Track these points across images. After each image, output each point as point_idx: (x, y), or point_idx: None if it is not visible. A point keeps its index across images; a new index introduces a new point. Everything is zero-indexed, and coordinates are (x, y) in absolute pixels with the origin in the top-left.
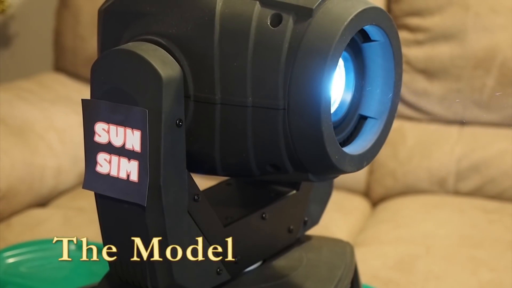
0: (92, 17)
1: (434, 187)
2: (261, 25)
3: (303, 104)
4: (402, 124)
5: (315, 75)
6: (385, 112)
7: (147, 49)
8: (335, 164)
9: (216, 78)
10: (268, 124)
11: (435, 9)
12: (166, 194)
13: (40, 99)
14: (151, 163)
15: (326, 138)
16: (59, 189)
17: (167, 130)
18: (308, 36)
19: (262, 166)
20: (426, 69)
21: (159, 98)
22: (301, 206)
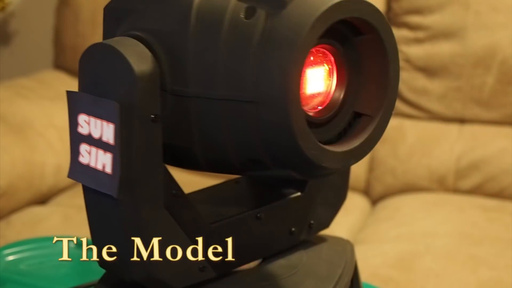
0: (92, 14)
1: (434, 185)
2: (235, 18)
3: (271, 97)
4: (402, 122)
5: (282, 66)
6: (380, 109)
7: (126, 44)
8: (312, 159)
9: (190, 72)
10: (239, 118)
11: (435, 7)
12: (140, 188)
13: (40, 97)
14: (124, 157)
15: (297, 131)
16: (59, 186)
17: (141, 124)
18: (278, 28)
19: (242, 161)
20: (426, 67)
21: (132, 93)
22: (305, 208)
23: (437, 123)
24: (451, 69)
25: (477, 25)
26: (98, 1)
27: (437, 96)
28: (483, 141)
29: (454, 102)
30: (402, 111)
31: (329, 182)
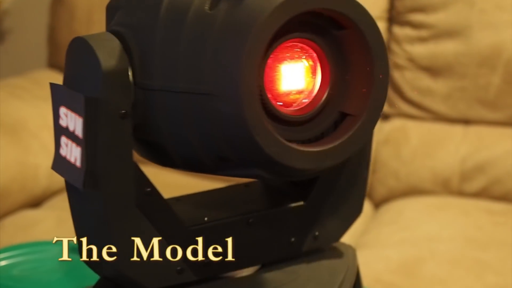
0: (87, 13)
1: (438, 188)
2: (199, 10)
3: (225, 89)
4: (405, 123)
5: (236, 57)
6: (364, 109)
7: (100, 39)
8: (273, 156)
9: (156, 64)
10: (199, 111)
11: (439, 5)
12: (107, 184)
13: (34, 97)
14: (91, 152)
15: (252, 126)
16: (52, 189)
17: (107, 120)
18: (237, 18)
19: (212, 159)
20: (430, 66)
21: (99, 88)
22: (308, 218)
23: (441, 124)
24: (455, 68)
25: (482, 24)
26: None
27: (441, 96)
28: (488, 142)
29: (459, 103)
30: (405, 111)
31: (339, 193)
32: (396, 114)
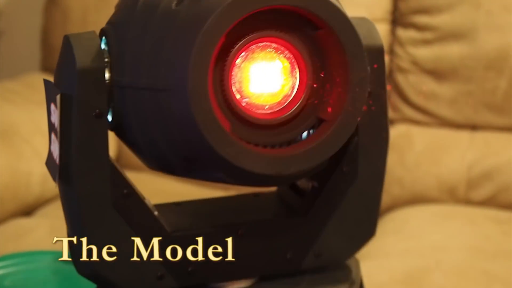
0: (82, 14)
1: (444, 196)
2: (167, 6)
3: (176, 85)
4: (410, 129)
5: (187, 53)
6: (337, 114)
7: (82, 38)
8: (228, 159)
9: (127, 61)
10: (158, 108)
11: (444, 7)
12: (81, 184)
13: (26, 101)
14: (65, 148)
15: (202, 124)
16: (45, 197)
17: (81, 119)
18: (194, 13)
19: (179, 160)
20: (434, 70)
21: (73, 86)
22: (307, 234)
23: (447, 130)
24: (461, 72)
25: (489, 26)
26: (88, 1)
27: (447, 101)
28: (496, 148)
29: (465, 107)
30: (410, 116)
31: (347, 209)
32: (400, 119)
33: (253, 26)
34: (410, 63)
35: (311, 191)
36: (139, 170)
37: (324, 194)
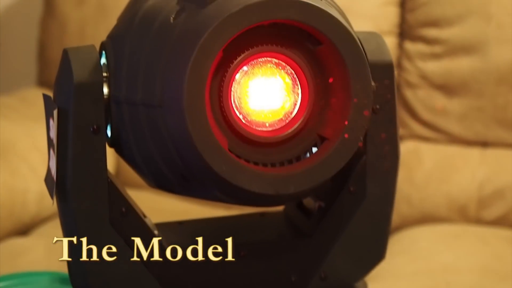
0: (79, 27)
1: (454, 215)
2: (165, 20)
3: (171, 101)
4: (418, 146)
5: (181, 69)
6: (339, 133)
7: (80, 52)
8: (224, 176)
9: (124, 76)
10: (154, 124)
11: (454, 19)
12: (76, 200)
13: (22, 117)
14: (61, 164)
15: (198, 141)
16: (42, 215)
17: (78, 134)
18: (191, 28)
19: (176, 177)
20: (444, 84)
21: (70, 102)
22: (313, 257)
23: (457, 147)
24: (471, 86)
25: (500, 39)
26: (86, 12)
27: (457, 116)
28: (508, 166)
29: (476, 123)
30: (418, 133)
31: (354, 231)
32: (409, 135)
33: (252, 40)
34: (418, 78)
35: (317, 212)
36: (139, 188)
37: (331, 215)
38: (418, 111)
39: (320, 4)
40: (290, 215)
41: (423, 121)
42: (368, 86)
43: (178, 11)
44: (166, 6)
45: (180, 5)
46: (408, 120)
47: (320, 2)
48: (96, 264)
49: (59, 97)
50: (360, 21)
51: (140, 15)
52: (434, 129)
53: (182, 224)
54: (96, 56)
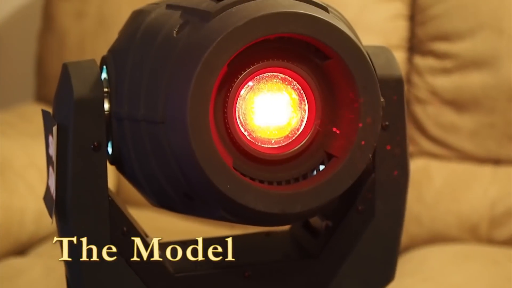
0: (79, 41)
1: (465, 235)
2: (168, 34)
3: (175, 118)
4: (428, 163)
5: (184, 85)
6: (347, 150)
7: (80, 66)
8: (229, 195)
9: (125, 91)
10: (157, 141)
11: (465, 33)
12: (76, 219)
13: (20, 133)
14: (61, 182)
15: (202, 159)
16: (40, 235)
17: (78, 152)
18: (194, 43)
19: (179, 196)
20: (455, 100)
21: (70, 118)
22: (320, 278)
23: (468, 164)
24: (483, 102)
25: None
26: (86, 26)
27: (468, 133)
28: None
29: (487, 140)
30: (428, 150)
31: (362, 251)
32: (418, 152)
33: (258, 55)
34: (428, 93)
35: (324, 231)
36: (141, 206)
37: (338, 235)
38: (428, 127)
39: (328, 18)
40: (296, 235)
41: (433, 138)
42: (377, 101)
43: (181, 24)
44: (169, 20)
45: (184, 18)
46: (418, 136)
47: (327, 15)
48: (97, 284)
49: (58, 113)
50: (369, 35)
51: (143, 28)
52: (444, 146)
53: (185, 243)
54: (97, 71)
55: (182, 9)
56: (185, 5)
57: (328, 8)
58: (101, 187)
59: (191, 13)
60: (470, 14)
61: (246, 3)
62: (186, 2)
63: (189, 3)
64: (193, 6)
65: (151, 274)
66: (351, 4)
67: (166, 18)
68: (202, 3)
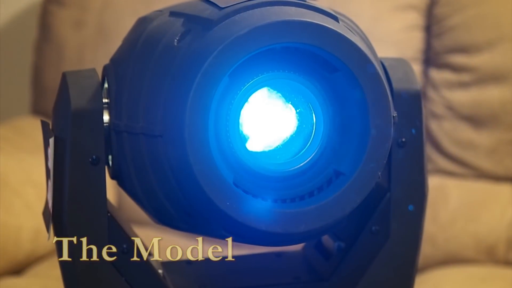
0: (78, 51)
1: (482, 256)
2: (169, 42)
3: (173, 131)
4: (444, 181)
5: (183, 96)
6: (356, 168)
7: (80, 76)
8: (228, 213)
9: (124, 102)
10: (155, 155)
11: (484, 45)
12: (74, 235)
13: (16, 148)
14: (59, 199)
15: (200, 174)
16: (37, 254)
17: (76, 165)
18: (194, 51)
19: (180, 213)
20: (472, 116)
21: (68, 130)
22: None
23: (485, 183)
24: (502, 118)
25: None
26: (85, 36)
27: (486, 150)
28: None
29: (506, 158)
30: (444, 168)
31: (375, 276)
32: (433, 170)
33: (262, 66)
34: (444, 108)
35: (336, 252)
36: (142, 224)
37: (351, 256)
38: (444, 144)
39: (337, 27)
40: (308, 256)
41: (449, 155)
42: (388, 116)
43: (182, 33)
44: (171, 28)
45: (186, 27)
46: (433, 153)
47: (337, 25)
48: None
49: (56, 125)
50: (382, 46)
51: (144, 37)
52: (461, 163)
53: (190, 264)
54: (97, 81)
55: (184, 17)
56: (188, 12)
57: (338, 18)
58: (99, 203)
59: (193, 21)
60: (489, 25)
61: (250, 10)
62: (190, 9)
63: (193, 10)
64: (196, 13)
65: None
66: (364, 13)
67: (168, 26)
68: (205, 10)
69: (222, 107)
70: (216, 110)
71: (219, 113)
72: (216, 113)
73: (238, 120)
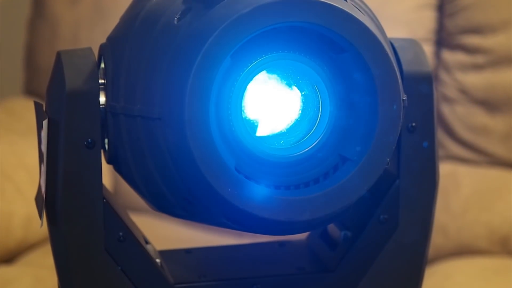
0: (73, 29)
1: (495, 247)
2: (168, 21)
3: (172, 114)
4: (456, 168)
5: (183, 77)
6: (363, 154)
7: (75, 55)
8: (229, 200)
9: (122, 83)
10: (153, 139)
11: (498, 26)
12: (67, 223)
13: (8, 131)
14: (52, 184)
15: (200, 159)
16: (29, 242)
17: (70, 150)
18: (195, 30)
19: (178, 200)
20: (486, 100)
21: (62, 112)
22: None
23: (499, 170)
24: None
25: None
26: (80, 13)
27: (500, 136)
28: None
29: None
30: (456, 154)
31: (383, 266)
32: (445, 156)
33: (267, 46)
34: (457, 92)
35: (342, 242)
36: (139, 211)
37: (358, 246)
38: (456, 129)
39: (344, 6)
40: (313, 245)
41: (462, 141)
42: (397, 99)
43: (183, 11)
44: (171, 5)
45: (186, 4)
46: (445, 139)
47: (344, 4)
48: None
49: (50, 106)
50: (393, 26)
51: (143, 14)
52: (474, 149)
53: (190, 252)
54: (93, 60)
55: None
56: None
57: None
58: (94, 188)
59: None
60: (504, 4)
61: None
62: None
63: None
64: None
65: (149, 285)
66: None
67: (168, 3)
68: None
69: (223, 89)
70: (217, 92)
71: (220, 96)
72: (218, 95)
73: (240, 103)
